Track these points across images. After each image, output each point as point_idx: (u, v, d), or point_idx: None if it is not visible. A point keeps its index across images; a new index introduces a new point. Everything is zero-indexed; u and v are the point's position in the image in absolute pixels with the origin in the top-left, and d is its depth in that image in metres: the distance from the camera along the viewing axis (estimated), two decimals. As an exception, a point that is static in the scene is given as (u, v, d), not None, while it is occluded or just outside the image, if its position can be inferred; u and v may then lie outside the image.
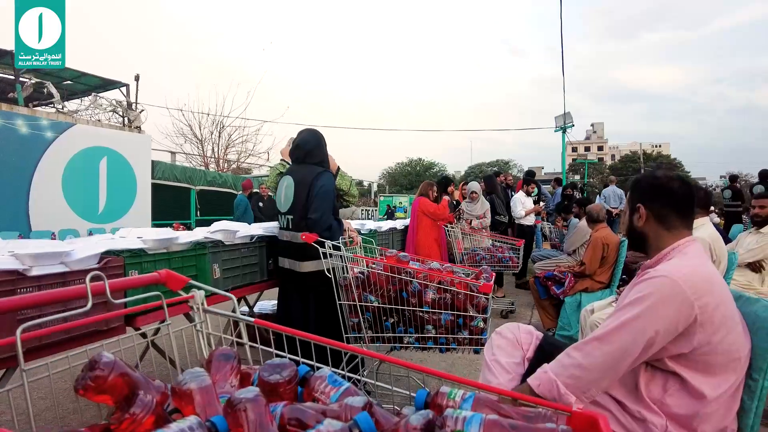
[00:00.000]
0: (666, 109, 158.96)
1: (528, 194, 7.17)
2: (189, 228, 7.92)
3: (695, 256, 1.28)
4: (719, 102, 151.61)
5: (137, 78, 8.73)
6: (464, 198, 5.98)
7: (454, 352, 2.21)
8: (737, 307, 1.29)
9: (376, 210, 27.59)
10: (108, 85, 9.03)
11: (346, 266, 2.29)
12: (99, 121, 8.19)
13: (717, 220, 11.64)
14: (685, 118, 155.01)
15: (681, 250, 1.31)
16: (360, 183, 44.40)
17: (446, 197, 5.95)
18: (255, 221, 6.64)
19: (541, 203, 9.33)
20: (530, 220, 6.99)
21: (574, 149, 74.87)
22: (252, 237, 2.84)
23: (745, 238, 3.94)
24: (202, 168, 17.03)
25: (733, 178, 10.97)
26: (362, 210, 25.95)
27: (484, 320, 2.13)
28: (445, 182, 6.29)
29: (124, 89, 8.88)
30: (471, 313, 2.14)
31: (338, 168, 2.83)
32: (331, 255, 2.27)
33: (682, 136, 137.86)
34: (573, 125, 8.76)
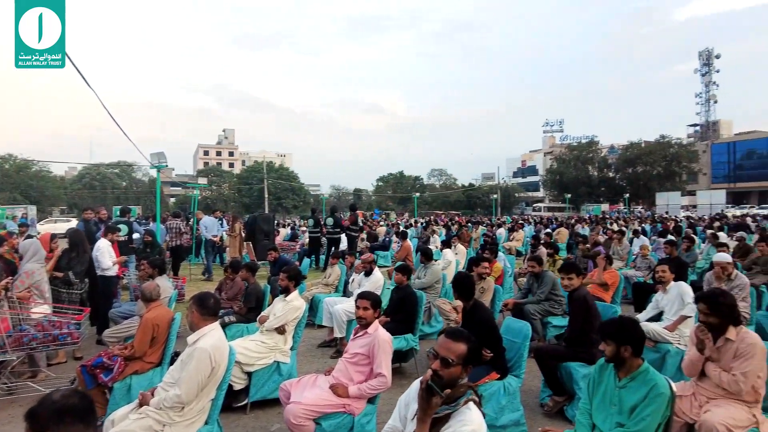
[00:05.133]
0: (292, 122, 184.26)
1: (112, 242, 6.79)
2: None
3: None
4: (328, 122, 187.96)
5: None
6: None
7: None
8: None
9: None
10: None
11: None
12: None
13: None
14: (307, 133, 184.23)
15: None
16: None
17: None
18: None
19: (134, 236, 8.98)
20: (114, 270, 6.64)
21: (206, 152, 76.28)
22: None
23: (276, 305, 4.97)
24: None
25: (334, 209, 13.92)
26: None
27: None
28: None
29: None
30: None
31: None
32: None
33: (304, 148, 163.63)
34: (166, 165, 9.06)
